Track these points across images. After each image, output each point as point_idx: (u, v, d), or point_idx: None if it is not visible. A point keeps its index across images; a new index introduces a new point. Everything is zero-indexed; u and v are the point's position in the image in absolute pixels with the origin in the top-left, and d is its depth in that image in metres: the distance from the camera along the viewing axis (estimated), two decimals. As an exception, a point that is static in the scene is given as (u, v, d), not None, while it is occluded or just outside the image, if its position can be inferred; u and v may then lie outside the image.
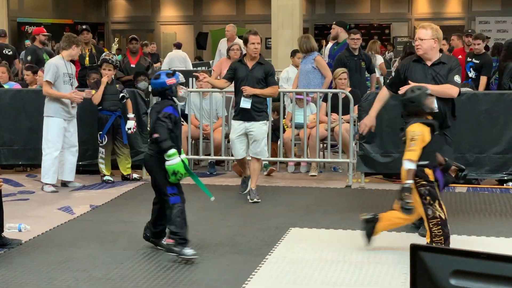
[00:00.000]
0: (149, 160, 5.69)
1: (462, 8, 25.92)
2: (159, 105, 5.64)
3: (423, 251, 1.81)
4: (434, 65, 6.29)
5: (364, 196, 7.96)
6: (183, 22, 28.76)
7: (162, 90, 5.65)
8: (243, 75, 7.57)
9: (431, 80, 6.21)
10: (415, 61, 6.39)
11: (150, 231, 5.86)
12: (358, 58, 10.07)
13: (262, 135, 7.62)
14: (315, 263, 5.51)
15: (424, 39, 6.24)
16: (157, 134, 5.46)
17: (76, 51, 8.46)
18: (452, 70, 6.24)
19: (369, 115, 6.77)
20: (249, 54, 7.64)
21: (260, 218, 6.97)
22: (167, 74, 5.71)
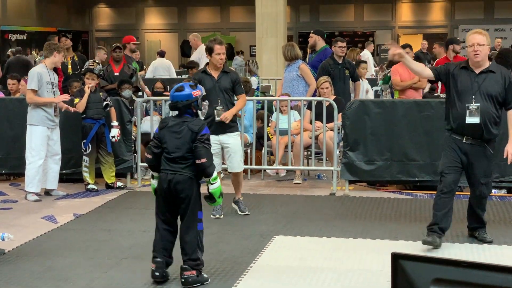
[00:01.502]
0: (183, 182, 5.11)
1: (445, 17, 26.11)
2: (192, 124, 5.16)
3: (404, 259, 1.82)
4: (482, 73, 6.03)
5: (348, 203, 7.99)
6: (168, 30, 28.76)
7: (187, 103, 5.18)
8: (210, 86, 7.14)
9: (476, 90, 5.96)
10: (462, 68, 6.09)
11: (166, 264, 5.21)
12: (342, 66, 10.13)
13: (239, 147, 7.43)
14: (300, 271, 5.51)
15: (483, 45, 5.97)
16: (204, 160, 5.06)
17: (58, 58, 8.42)
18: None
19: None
20: (214, 65, 7.26)
21: (244, 226, 6.97)
22: (190, 86, 5.28)
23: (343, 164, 8.56)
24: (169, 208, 5.17)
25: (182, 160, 5.10)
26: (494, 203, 7.89)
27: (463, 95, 6.01)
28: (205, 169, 5.06)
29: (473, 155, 6.07)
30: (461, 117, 6.00)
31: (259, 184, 9.19)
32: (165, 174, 5.14)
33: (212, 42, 7.30)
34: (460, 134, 6.06)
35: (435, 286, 1.82)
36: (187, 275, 5.06)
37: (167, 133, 5.16)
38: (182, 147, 5.09)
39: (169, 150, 5.12)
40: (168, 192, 5.11)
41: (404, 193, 8.54)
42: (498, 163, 8.13)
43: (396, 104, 8.65)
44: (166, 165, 5.14)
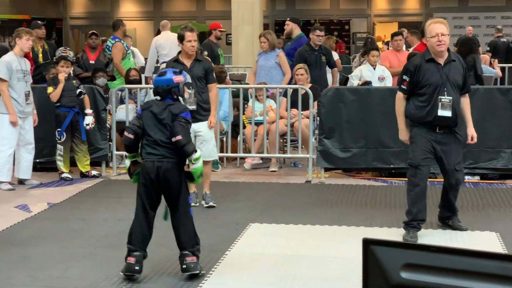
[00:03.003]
0: (172, 169, 4.99)
1: (420, 5, 26.20)
2: (174, 107, 5.08)
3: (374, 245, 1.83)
4: (446, 64, 6.01)
5: (324, 191, 8.01)
6: (143, 18, 28.55)
7: (167, 88, 5.11)
8: None
9: (446, 81, 5.94)
10: (428, 61, 6.00)
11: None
12: (319, 52, 10.14)
13: (211, 135, 7.35)
14: (275, 258, 5.53)
15: (447, 35, 5.94)
16: (179, 136, 4.93)
17: (25, 43, 8.27)
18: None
19: (402, 130, 6.20)
20: (186, 52, 7.17)
21: (220, 214, 6.97)
22: (174, 72, 5.25)
23: (319, 152, 8.58)
24: (154, 199, 5.05)
25: (167, 144, 4.99)
26: (468, 189, 7.96)
27: (436, 88, 5.95)
28: (182, 147, 4.94)
29: (445, 143, 6.06)
30: (433, 110, 5.94)
31: (235, 172, 9.19)
32: (150, 162, 4.99)
33: (183, 29, 7.22)
34: (432, 126, 6.01)
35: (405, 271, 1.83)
36: (189, 260, 5.00)
37: (150, 115, 5.06)
38: (165, 130, 5.01)
39: (151, 133, 5.01)
40: (157, 181, 4.97)
41: (379, 180, 8.59)
42: (471, 150, 8.21)
43: (371, 92, 8.68)
44: (150, 149, 5.01)
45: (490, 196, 7.70)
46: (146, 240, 5.06)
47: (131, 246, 5.02)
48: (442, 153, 6.06)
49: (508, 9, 25.01)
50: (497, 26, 18.33)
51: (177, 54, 7.38)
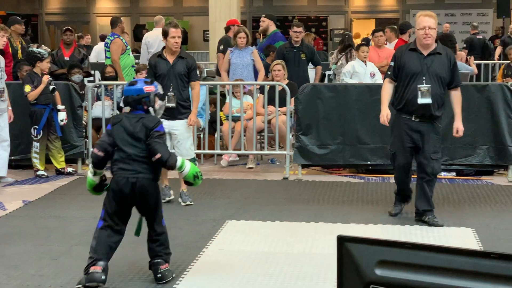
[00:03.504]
0: (148, 185, 4.84)
1: (396, 2, 26.32)
2: (148, 120, 4.88)
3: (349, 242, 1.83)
4: (430, 55, 6.25)
5: (301, 187, 8.02)
6: (120, 14, 28.31)
7: (137, 98, 4.91)
8: (165, 71, 7.09)
9: (426, 71, 6.19)
10: (411, 50, 6.32)
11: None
12: (298, 50, 10.13)
13: (188, 133, 7.29)
14: (252, 255, 5.52)
15: (434, 28, 6.18)
16: (159, 155, 4.76)
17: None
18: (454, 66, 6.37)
19: (383, 108, 6.41)
20: (169, 48, 7.13)
21: (197, 211, 6.94)
22: (145, 82, 5.03)
23: (296, 149, 8.58)
24: (123, 215, 4.88)
25: (141, 159, 4.81)
26: (444, 185, 8.01)
27: (414, 76, 6.24)
28: (165, 163, 4.82)
29: (423, 132, 6.30)
30: (412, 97, 6.20)
31: (212, 169, 9.16)
32: (123, 177, 4.80)
33: (168, 25, 7.18)
34: (409, 114, 6.28)
35: (380, 267, 1.83)
36: (163, 269, 4.90)
37: (121, 130, 4.85)
38: (139, 145, 4.81)
39: (124, 148, 4.81)
40: (131, 197, 4.82)
41: (357, 177, 8.61)
42: (448, 146, 8.27)
43: (348, 89, 8.69)
44: (123, 165, 4.81)
45: (466, 192, 7.75)
46: (111, 252, 4.84)
47: (94, 255, 4.77)
48: (420, 141, 6.30)
49: (484, 6, 25.21)
50: (473, 23, 18.45)
51: (161, 50, 7.33)
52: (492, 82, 12.08)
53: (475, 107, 8.36)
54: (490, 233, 6.16)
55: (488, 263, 1.72)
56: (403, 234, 6.14)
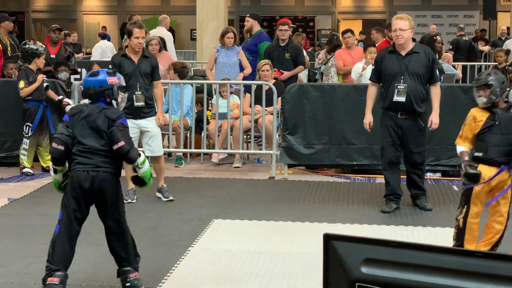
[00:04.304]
0: (108, 179, 4.55)
1: (383, 3, 26.42)
2: (110, 111, 4.60)
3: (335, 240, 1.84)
4: (408, 55, 6.69)
5: (287, 187, 8.02)
6: (107, 12, 28.29)
7: (100, 90, 4.62)
8: (131, 71, 7.09)
9: (404, 70, 6.63)
10: (390, 52, 6.78)
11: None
12: (283, 49, 10.14)
13: (158, 130, 7.34)
14: (238, 255, 5.53)
15: (405, 30, 6.62)
16: (122, 142, 4.47)
17: None
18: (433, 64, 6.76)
19: (366, 114, 6.95)
20: (132, 48, 7.16)
21: (183, 209, 6.94)
22: (107, 72, 4.75)
23: (282, 148, 8.59)
24: (83, 212, 4.58)
25: (102, 152, 4.53)
26: (429, 186, 8.04)
27: (393, 76, 6.70)
28: (126, 153, 4.51)
29: (406, 128, 6.77)
30: (391, 96, 6.69)
31: (199, 167, 9.16)
32: (83, 171, 4.50)
33: (132, 25, 7.23)
34: (395, 111, 6.73)
35: (366, 266, 1.84)
36: (132, 277, 4.64)
37: (81, 121, 4.56)
38: (100, 137, 4.53)
39: (84, 141, 4.52)
40: (90, 192, 4.52)
41: (343, 177, 8.63)
42: (433, 147, 8.31)
43: (335, 88, 8.72)
44: (82, 159, 4.52)
45: (451, 192, 7.78)
46: (69, 260, 4.57)
47: (52, 266, 4.50)
48: (403, 136, 6.79)
49: (470, 8, 25.35)
50: (459, 25, 18.55)
51: (124, 48, 7.38)
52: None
53: (461, 108, 8.38)
54: (475, 234, 6.18)
55: (473, 261, 1.74)
56: (389, 234, 6.16)
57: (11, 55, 10.12)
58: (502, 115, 4.99)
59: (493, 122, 4.96)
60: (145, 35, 7.40)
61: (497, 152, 4.93)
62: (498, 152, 4.93)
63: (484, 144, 4.97)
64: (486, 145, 4.95)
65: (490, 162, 4.95)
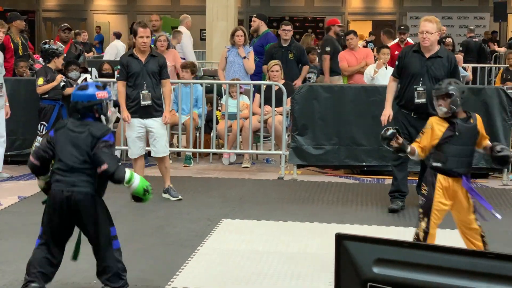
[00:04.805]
0: (84, 200, 4.31)
1: (394, 4, 26.38)
2: (95, 128, 4.38)
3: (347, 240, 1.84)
4: (431, 58, 6.72)
5: (296, 187, 8.02)
6: (117, 12, 28.38)
7: (88, 105, 4.42)
8: (138, 70, 7.15)
9: (425, 73, 6.68)
10: (414, 51, 6.80)
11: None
12: (286, 49, 10.14)
13: (164, 131, 7.37)
14: (247, 255, 5.53)
15: (432, 32, 6.62)
16: (105, 165, 4.23)
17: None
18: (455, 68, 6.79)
19: (386, 107, 6.96)
20: (138, 48, 7.21)
21: (192, 209, 6.95)
22: (97, 86, 4.54)
23: (292, 149, 8.60)
24: (61, 234, 4.41)
25: (82, 170, 4.31)
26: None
27: (414, 77, 6.75)
28: (111, 175, 4.27)
29: (419, 128, 6.61)
30: (410, 97, 6.74)
31: (208, 167, 9.17)
32: (59, 191, 4.31)
33: (137, 25, 7.31)
34: (409, 110, 6.83)
35: (378, 266, 1.84)
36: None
37: (64, 138, 4.38)
38: (80, 156, 4.31)
39: (63, 158, 4.33)
40: (67, 213, 4.32)
41: (351, 178, 8.63)
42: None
43: (344, 89, 8.71)
44: (59, 176, 4.33)
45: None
46: (47, 273, 4.39)
47: (28, 277, 4.36)
48: (415, 136, 6.66)
49: (480, 9, 25.28)
50: (470, 27, 18.49)
51: (131, 48, 7.43)
52: (488, 86, 12.13)
53: (471, 110, 8.34)
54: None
55: (484, 262, 1.74)
56: (397, 235, 6.15)
57: (22, 54, 10.17)
58: (461, 126, 4.90)
59: (453, 133, 4.88)
60: (151, 34, 7.43)
61: (456, 162, 4.85)
62: (457, 163, 4.85)
63: (443, 154, 4.87)
64: (445, 155, 4.86)
65: (448, 172, 4.86)
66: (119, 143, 9.01)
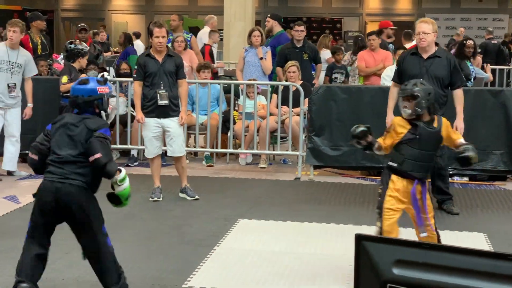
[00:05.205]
0: (75, 193, 4.19)
1: (412, 5, 26.27)
2: (91, 121, 4.30)
3: (367, 240, 1.83)
4: (429, 58, 6.74)
5: (313, 188, 8.01)
6: (135, 12, 28.47)
7: (89, 99, 4.36)
8: (155, 70, 7.19)
9: (424, 73, 6.65)
10: (412, 54, 6.85)
11: None
12: (300, 50, 10.12)
13: (180, 131, 7.36)
14: (263, 255, 5.53)
15: (428, 33, 6.67)
16: (99, 154, 4.13)
17: (16, 34, 8.19)
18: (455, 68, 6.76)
19: (388, 114, 6.97)
20: (154, 48, 7.28)
21: (208, 209, 6.96)
22: (98, 81, 4.47)
23: (309, 149, 8.58)
24: (50, 227, 4.33)
25: (75, 162, 4.21)
26: (456, 190, 7.99)
27: (412, 78, 6.51)
28: (103, 166, 4.16)
29: None
30: None
31: (225, 167, 9.18)
32: (49, 181, 4.21)
33: (153, 25, 7.35)
34: None
35: (397, 267, 1.83)
36: None
37: (60, 129, 4.31)
38: (74, 147, 4.23)
39: (57, 150, 4.25)
40: (55, 206, 4.21)
41: (368, 179, 8.60)
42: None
43: (362, 90, 8.69)
44: (53, 168, 4.24)
45: (479, 197, 7.73)
46: (35, 274, 4.30)
47: (18, 277, 4.28)
48: None
49: (499, 11, 25.11)
50: (488, 28, 18.39)
51: (148, 49, 7.46)
52: (507, 88, 12.05)
53: (490, 112, 8.33)
54: (502, 238, 6.14)
55: (505, 264, 1.72)
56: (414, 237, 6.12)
57: (41, 54, 10.24)
58: (423, 130, 4.78)
59: (413, 136, 4.77)
60: (167, 34, 7.46)
61: (411, 165, 4.74)
62: (413, 166, 4.74)
63: (401, 155, 4.78)
64: (403, 157, 4.77)
65: (403, 174, 4.77)
66: (136, 142, 9.05)
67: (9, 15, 20.72)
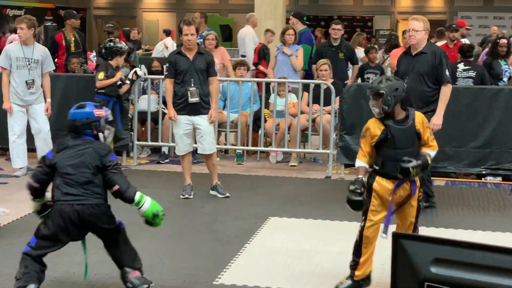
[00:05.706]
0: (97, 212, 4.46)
1: (444, 3, 26.05)
2: (99, 146, 4.52)
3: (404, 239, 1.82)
4: (416, 55, 6.73)
5: (343, 187, 7.92)
6: (166, 10, 28.62)
7: (86, 122, 4.54)
8: (186, 67, 7.23)
9: (411, 70, 6.67)
10: (404, 53, 6.92)
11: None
12: (336, 49, 10.08)
13: (210, 128, 7.39)
14: (294, 253, 5.53)
15: (418, 30, 6.67)
16: (117, 186, 4.43)
17: (24, 31, 8.24)
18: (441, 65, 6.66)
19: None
20: (184, 45, 7.33)
21: (239, 206, 6.97)
22: (94, 105, 4.68)
23: (339, 148, 8.56)
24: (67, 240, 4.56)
25: (87, 183, 4.43)
26: (489, 190, 7.91)
27: (403, 76, 6.67)
28: (122, 195, 4.45)
29: None
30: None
31: (255, 165, 9.19)
32: (68, 205, 4.39)
33: (182, 23, 7.41)
34: None
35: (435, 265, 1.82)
36: (131, 277, 4.56)
37: (67, 154, 4.48)
38: (87, 170, 4.43)
39: (70, 172, 4.42)
40: (80, 224, 4.44)
41: (399, 178, 8.53)
42: (494, 150, 8.18)
43: (394, 89, 8.62)
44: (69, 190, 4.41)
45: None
46: (41, 276, 4.50)
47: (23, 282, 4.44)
48: None
49: (533, 10, 24.78)
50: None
51: (179, 46, 7.50)
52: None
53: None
54: (536, 240, 6.06)
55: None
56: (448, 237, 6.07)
57: (74, 51, 10.34)
58: (394, 128, 4.58)
59: (386, 137, 4.58)
60: (196, 32, 7.48)
61: (392, 166, 4.56)
62: (393, 166, 4.55)
63: (380, 158, 4.63)
64: (382, 159, 4.61)
65: (387, 175, 4.62)
66: (167, 139, 9.09)
67: (43, 13, 20.98)
